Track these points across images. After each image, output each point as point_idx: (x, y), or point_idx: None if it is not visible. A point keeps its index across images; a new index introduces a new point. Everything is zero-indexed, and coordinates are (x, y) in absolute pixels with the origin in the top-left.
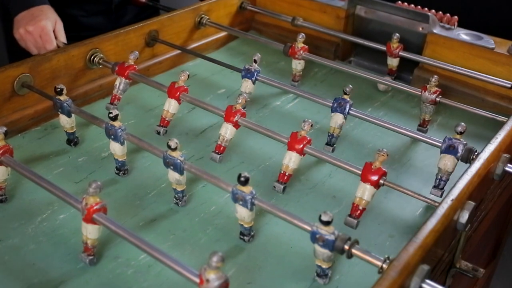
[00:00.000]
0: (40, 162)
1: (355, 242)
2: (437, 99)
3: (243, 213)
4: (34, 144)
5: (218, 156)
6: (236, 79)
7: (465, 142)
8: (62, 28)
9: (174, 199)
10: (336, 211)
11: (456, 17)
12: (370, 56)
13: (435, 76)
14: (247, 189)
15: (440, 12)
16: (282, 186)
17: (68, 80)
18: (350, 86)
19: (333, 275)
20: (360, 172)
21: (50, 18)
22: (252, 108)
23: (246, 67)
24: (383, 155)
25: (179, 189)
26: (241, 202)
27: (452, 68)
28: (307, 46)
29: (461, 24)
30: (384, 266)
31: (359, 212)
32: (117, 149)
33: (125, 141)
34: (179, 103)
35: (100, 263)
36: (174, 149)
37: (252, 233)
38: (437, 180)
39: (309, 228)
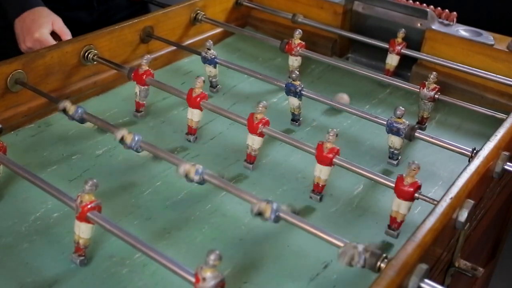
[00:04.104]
0: (34, 160)
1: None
2: (436, 96)
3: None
4: (27, 142)
5: (251, 165)
6: (232, 76)
7: (407, 123)
8: (63, 25)
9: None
10: (333, 209)
11: (455, 13)
12: (368, 52)
13: (434, 72)
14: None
15: (439, 8)
16: (318, 197)
17: (62, 76)
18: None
19: (330, 274)
20: (394, 184)
21: (43, 24)
22: (249, 106)
23: (203, 55)
24: (414, 170)
25: None
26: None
27: (451, 65)
28: (304, 43)
29: (460, 20)
30: (382, 265)
31: (397, 224)
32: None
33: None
34: (201, 110)
35: (95, 262)
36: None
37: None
38: (390, 154)
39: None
